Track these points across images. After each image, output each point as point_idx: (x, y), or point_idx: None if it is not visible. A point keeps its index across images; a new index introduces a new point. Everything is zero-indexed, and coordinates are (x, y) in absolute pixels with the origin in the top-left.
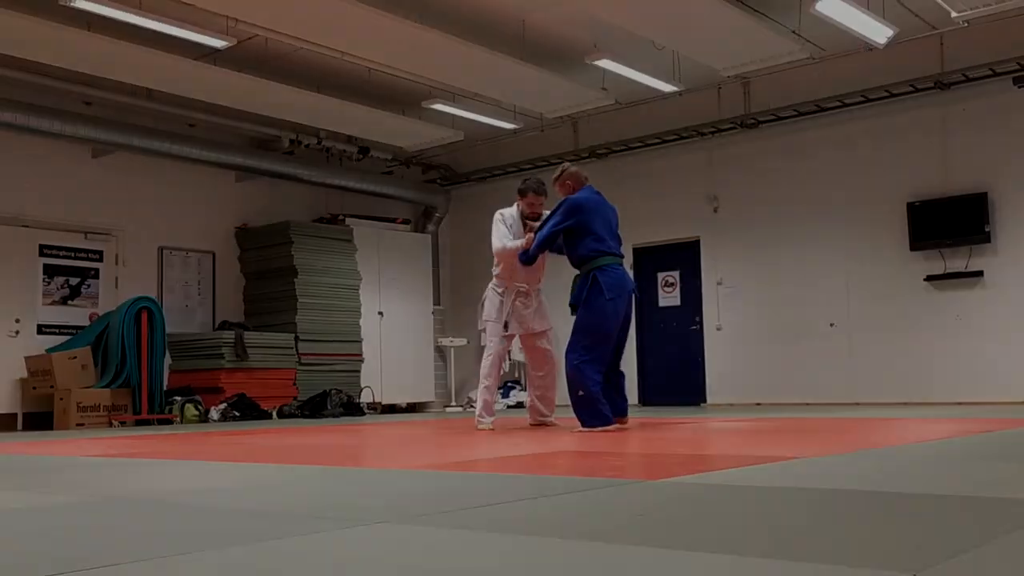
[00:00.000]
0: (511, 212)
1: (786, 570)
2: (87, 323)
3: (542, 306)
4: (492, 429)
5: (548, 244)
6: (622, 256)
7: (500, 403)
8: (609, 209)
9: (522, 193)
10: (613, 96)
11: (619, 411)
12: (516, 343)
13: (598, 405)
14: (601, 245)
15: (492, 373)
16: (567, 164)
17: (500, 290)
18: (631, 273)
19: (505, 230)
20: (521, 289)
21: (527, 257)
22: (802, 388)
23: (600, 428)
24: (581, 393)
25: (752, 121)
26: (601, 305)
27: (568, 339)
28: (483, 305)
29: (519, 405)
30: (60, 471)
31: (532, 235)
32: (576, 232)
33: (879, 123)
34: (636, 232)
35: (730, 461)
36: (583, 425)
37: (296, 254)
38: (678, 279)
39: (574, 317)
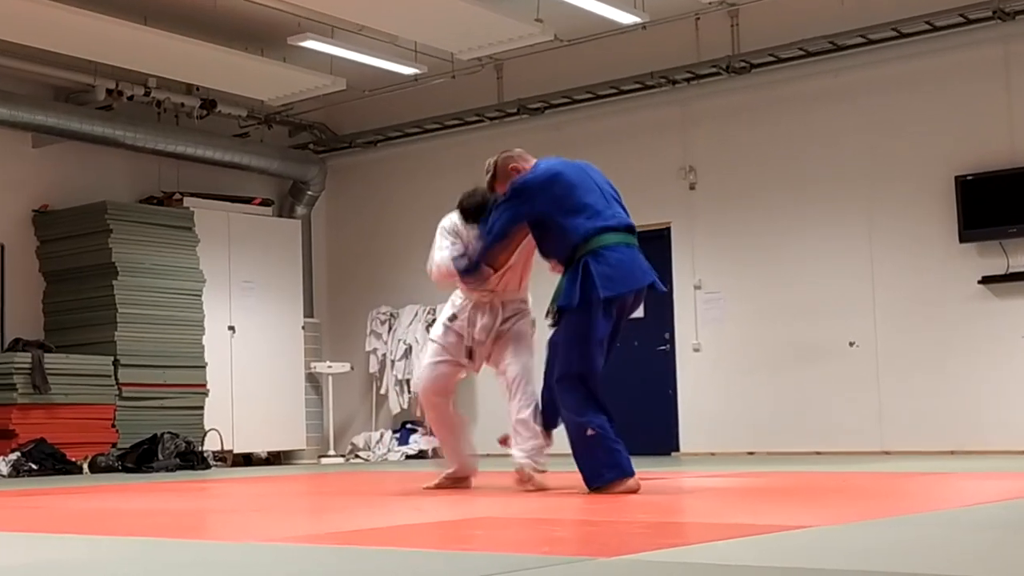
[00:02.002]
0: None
1: None
2: None
3: (519, 325)
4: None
5: (500, 248)
6: (633, 229)
7: (397, 450)
8: (594, 171)
9: (465, 215)
10: (552, 30)
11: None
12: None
13: (608, 446)
14: (597, 220)
15: (435, 420)
16: (502, 153)
17: (459, 300)
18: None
19: (447, 242)
20: (483, 299)
21: (469, 267)
22: (810, 432)
23: (616, 483)
24: (590, 433)
25: (742, 64)
26: (588, 306)
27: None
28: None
29: (421, 455)
30: None
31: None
32: (545, 222)
33: (917, 66)
34: None
35: (711, 531)
36: (589, 484)
37: (115, 247)
38: None
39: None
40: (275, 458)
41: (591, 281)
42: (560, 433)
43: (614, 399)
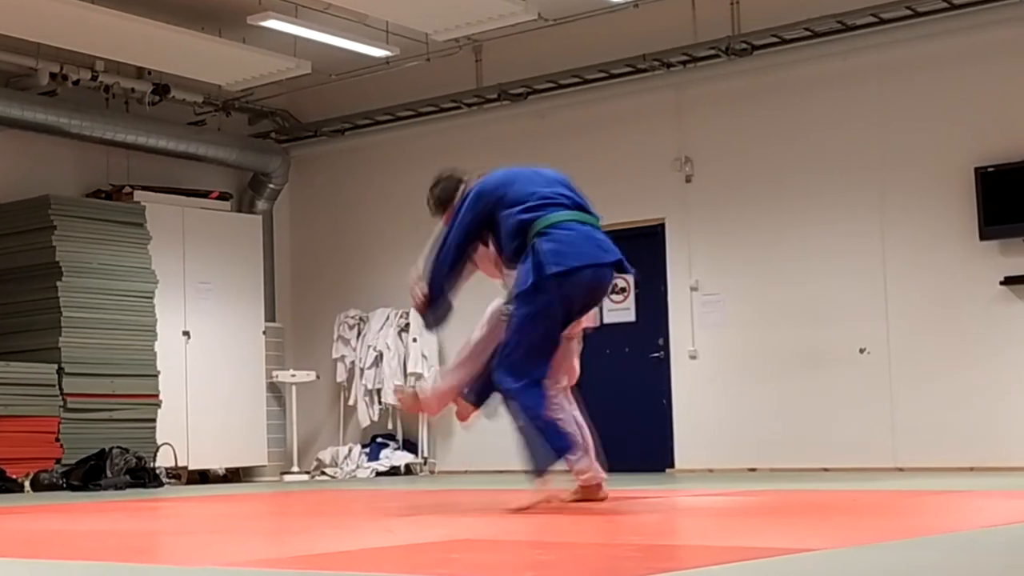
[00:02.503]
0: None
1: None
2: None
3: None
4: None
5: (454, 270)
6: (585, 208)
7: (367, 467)
8: (544, 169)
9: (442, 205)
10: (535, 8)
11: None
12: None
13: (553, 429)
14: (545, 201)
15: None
16: (442, 175)
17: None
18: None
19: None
20: None
21: (428, 304)
22: (817, 447)
23: (567, 460)
24: (522, 424)
25: (743, 46)
26: (538, 287)
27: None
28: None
29: (392, 472)
30: None
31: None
32: (493, 224)
33: (933, 48)
34: None
35: (708, 555)
36: (535, 478)
37: (59, 244)
38: (632, 283)
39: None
40: (234, 475)
41: (540, 259)
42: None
43: (603, 410)
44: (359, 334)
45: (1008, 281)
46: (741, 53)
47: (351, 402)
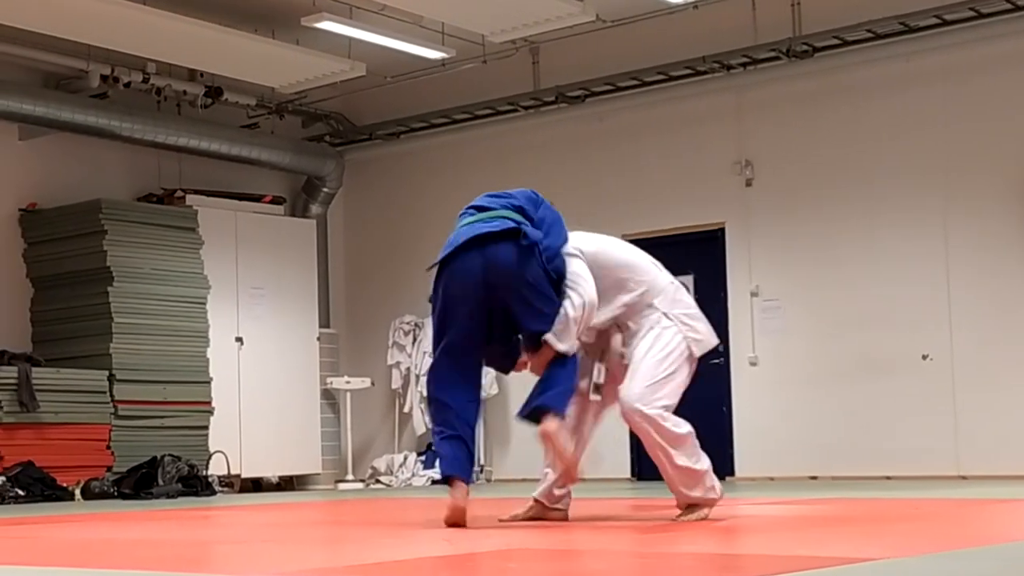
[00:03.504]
0: None
1: None
2: None
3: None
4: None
5: None
6: (486, 208)
7: (423, 475)
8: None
9: None
10: (593, 9)
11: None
12: None
13: (439, 439)
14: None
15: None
16: None
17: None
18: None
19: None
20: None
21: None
22: (879, 455)
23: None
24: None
25: (804, 47)
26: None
27: None
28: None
29: (446, 481)
30: None
31: None
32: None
33: (997, 49)
34: (627, 218)
35: (769, 564)
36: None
37: (111, 249)
38: (692, 288)
39: None
40: (287, 483)
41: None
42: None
43: None
44: (414, 340)
45: None
46: (802, 55)
47: (406, 409)
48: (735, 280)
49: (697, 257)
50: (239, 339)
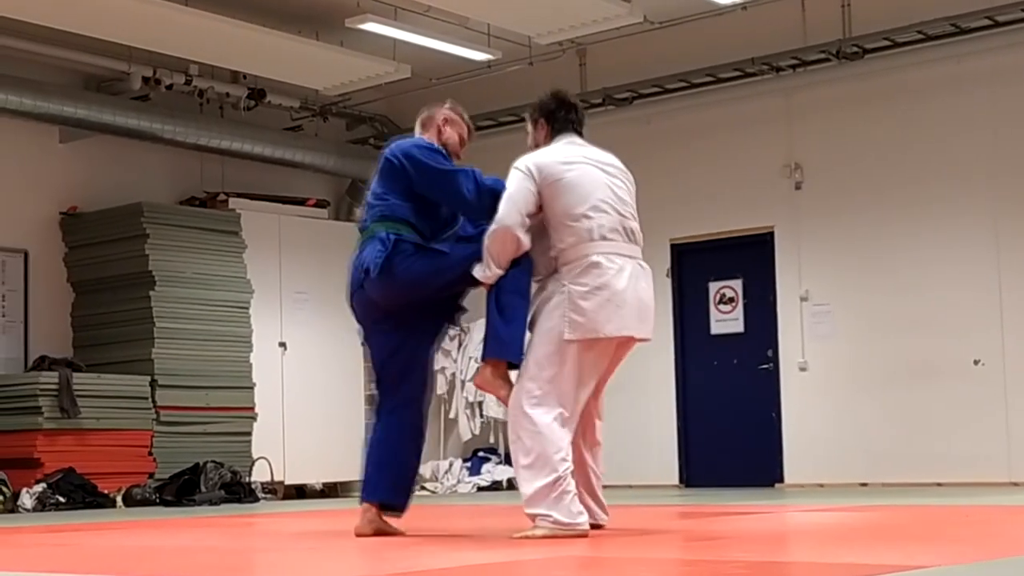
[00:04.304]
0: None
1: None
2: None
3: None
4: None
5: None
6: (365, 226)
7: (468, 481)
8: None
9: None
10: (641, 10)
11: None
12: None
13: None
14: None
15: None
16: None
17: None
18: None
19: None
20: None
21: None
22: (930, 461)
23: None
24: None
25: (854, 49)
26: None
27: None
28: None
29: (494, 487)
30: None
31: None
32: None
33: None
34: (675, 221)
35: (818, 572)
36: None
37: (152, 253)
38: (740, 293)
39: None
40: (331, 490)
41: None
42: None
43: (710, 423)
44: (460, 345)
45: None
46: (852, 57)
47: (451, 415)
48: (784, 284)
49: (746, 261)
50: (283, 344)
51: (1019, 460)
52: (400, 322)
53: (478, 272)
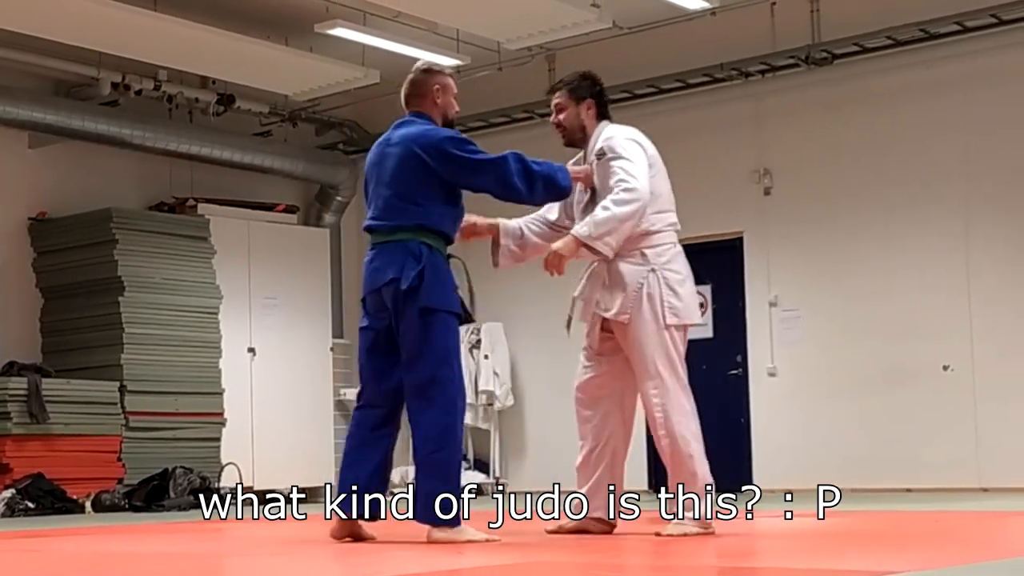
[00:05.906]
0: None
1: None
2: None
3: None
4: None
5: None
6: (383, 228)
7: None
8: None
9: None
10: (610, 16)
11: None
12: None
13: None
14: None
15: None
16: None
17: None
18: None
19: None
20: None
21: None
22: (899, 467)
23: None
24: None
25: (823, 55)
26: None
27: None
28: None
29: (478, 492)
30: None
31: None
32: None
33: (1018, 57)
34: None
35: None
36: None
37: (122, 259)
38: (709, 298)
39: None
40: (301, 495)
41: None
42: None
43: None
44: None
45: None
46: (821, 62)
47: None
48: (753, 290)
49: (715, 267)
50: (251, 350)
51: (988, 465)
52: None
53: (601, 246)
